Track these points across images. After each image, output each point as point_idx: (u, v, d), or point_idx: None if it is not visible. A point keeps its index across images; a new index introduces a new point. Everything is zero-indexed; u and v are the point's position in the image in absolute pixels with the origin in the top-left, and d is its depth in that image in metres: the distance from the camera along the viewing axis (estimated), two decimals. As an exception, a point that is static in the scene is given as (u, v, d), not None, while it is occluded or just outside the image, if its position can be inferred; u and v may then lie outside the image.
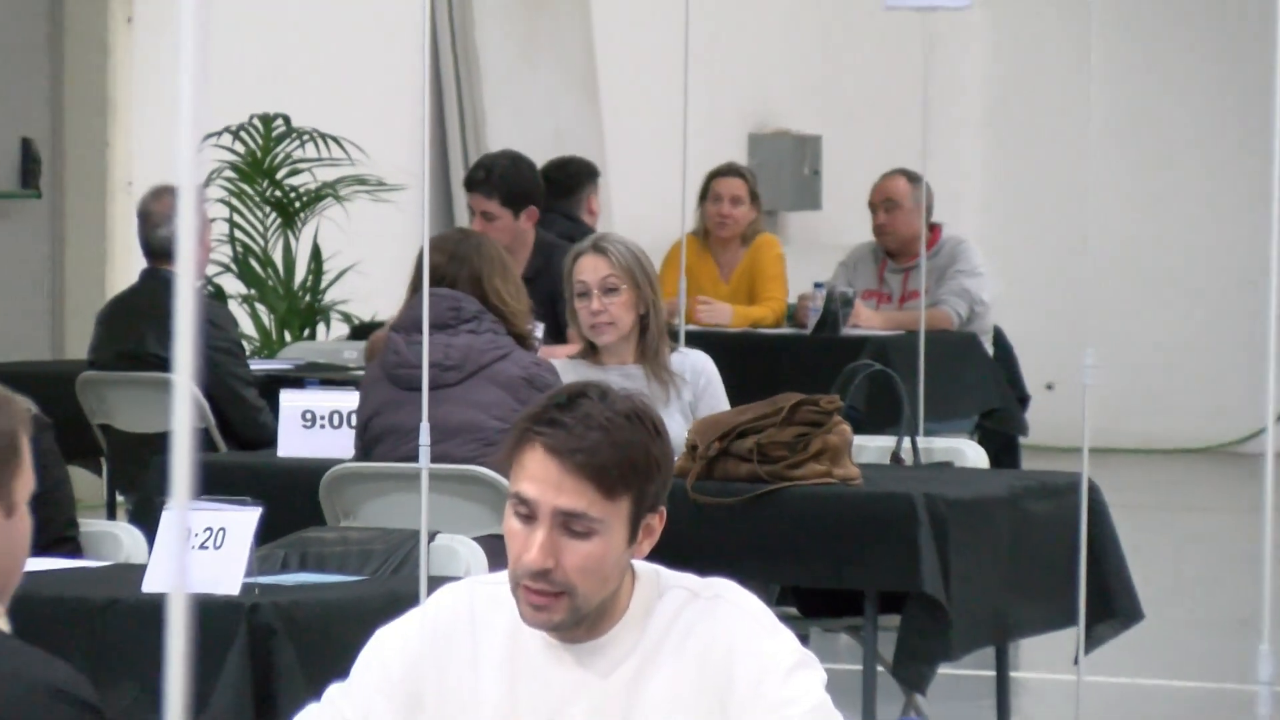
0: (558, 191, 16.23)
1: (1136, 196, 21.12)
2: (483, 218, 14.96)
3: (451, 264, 10.86)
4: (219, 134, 17.50)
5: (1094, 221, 20.86)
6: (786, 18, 20.69)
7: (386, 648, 5.91)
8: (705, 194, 17.03)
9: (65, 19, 18.88)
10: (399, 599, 7.19)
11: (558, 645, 5.83)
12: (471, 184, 15.53)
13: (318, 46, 18.48)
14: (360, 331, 15.86)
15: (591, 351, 11.11)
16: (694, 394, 11.04)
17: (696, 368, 11.28)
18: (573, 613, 5.73)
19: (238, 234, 17.61)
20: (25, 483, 5.30)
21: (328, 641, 7.89)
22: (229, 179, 17.68)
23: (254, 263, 17.70)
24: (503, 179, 15.17)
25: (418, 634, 5.93)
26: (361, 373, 11.99)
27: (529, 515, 5.70)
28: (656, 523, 5.83)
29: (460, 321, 10.69)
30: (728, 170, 17.48)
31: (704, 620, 5.86)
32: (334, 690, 5.92)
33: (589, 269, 11.18)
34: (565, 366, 11.07)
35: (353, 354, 14.37)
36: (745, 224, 17.04)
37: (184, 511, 3.33)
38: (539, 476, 5.70)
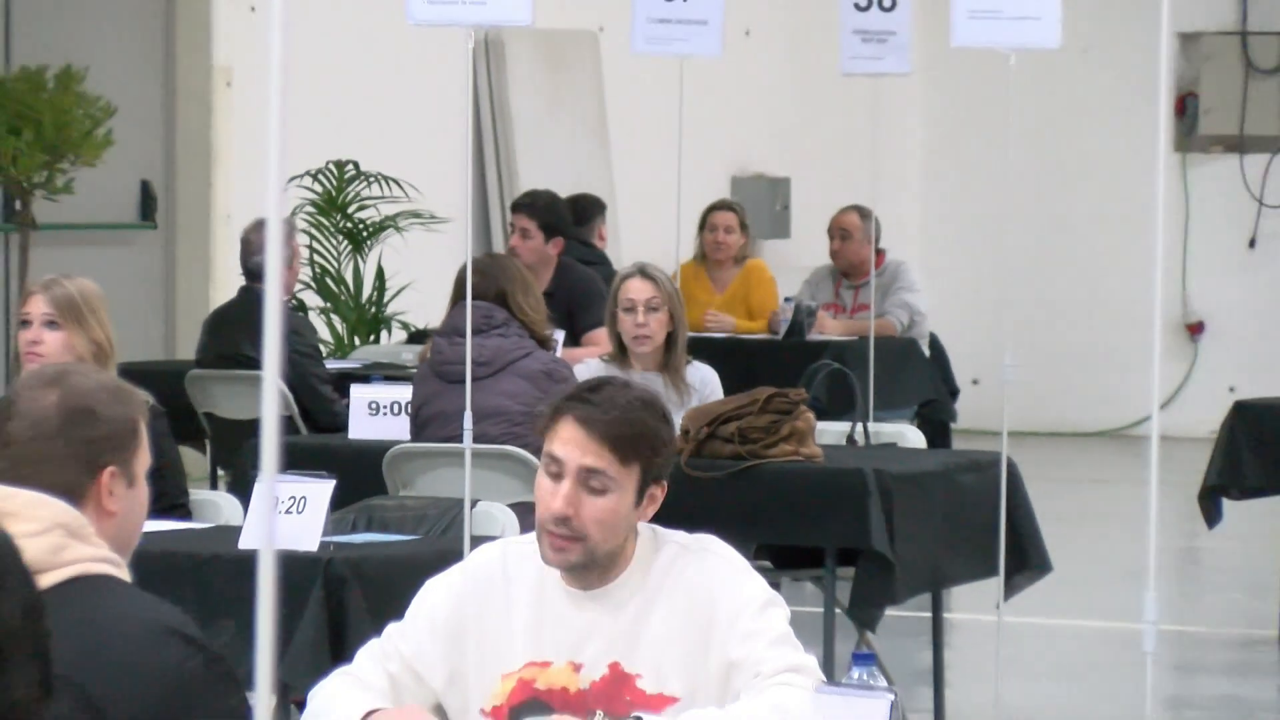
0: (581, 222, 16.23)
1: (1045, 223, 21.04)
2: (520, 234, 14.97)
3: (484, 282, 10.85)
4: (301, 176, 17.45)
5: (1011, 245, 20.81)
6: (762, 81, 20.61)
7: (434, 595, 5.94)
8: (703, 224, 17.06)
9: (176, 82, 18.83)
10: (447, 554, 7.16)
11: (575, 592, 5.85)
12: (518, 206, 15.59)
13: (381, 104, 18.41)
14: (415, 337, 15.83)
15: (621, 356, 11.09)
16: (700, 399, 11.03)
17: (704, 379, 11.30)
18: (586, 555, 5.77)
19: (316, 258, 17.57)
20: (144, 460, 5.31)
21: (389, 589, 7.86)
22: (310, 213, 17.63)
23: (329, 281, 17.68)
24: (544, 209, 15.23)
25: (460, 583, 5.96)
26: (415, 370, 11.96)
27: (558, 473, 5.75)
28: (659, 493, 5.85)
29: (491, 327, 10.68)
30: (722, 205, 17.50)
31: (693, 568, 5.88)
32: (392, 629, 5.93)
33: (636, 289, 11.20)
34: (598, 366, 11.09)
35: (409, 355, 14.32)
36: (736, 249, 17.13)
37: (272, 483, 3.31)
38: (568, 440, 5.77)
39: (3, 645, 3.36)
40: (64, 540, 5.16)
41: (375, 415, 11.21)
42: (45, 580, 5.07)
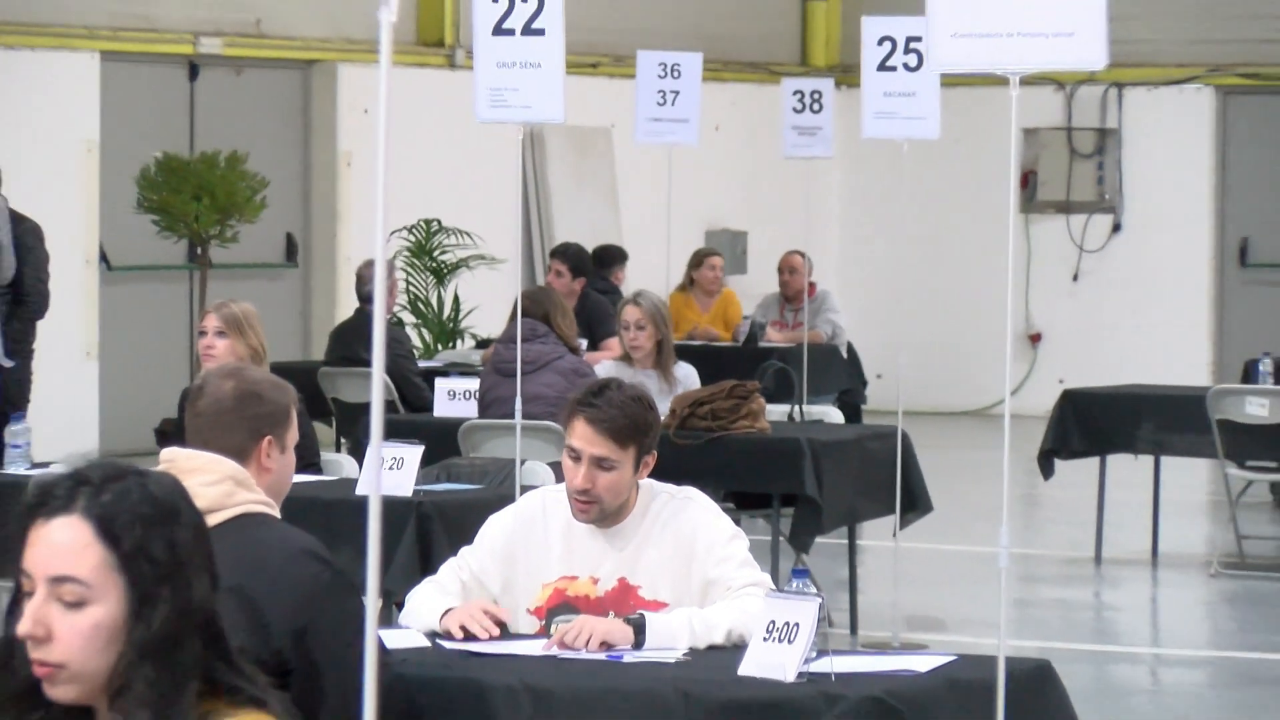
0: (599, 264, 16.25)
1: (928, 263, 21.00)
2: (555, 274, 15.07)
3: (532, 306, 10.85)
4: (400, 230, 17.42)
5: (904, 278, 20.81)
6: (727, 162, 20.56)
7: (494, 527, 6.01)
8: (699, 264, 17.24)
9: (311, 162, 18.78)
10: (503, 499, 7.16)
11: (594, 530, 5.90)
12: (554, 253, 15.75)
13: (456, 177, 18.35)
14: (481, 344, 15.83)
15: (627, 357, 11.16)
16: (683, 388, 11.04)
17: (686, 374, 11.34)
18: (600, 513, 5.86)
19: (411, 287, 17.54)
20: (293, 433, 5.38)
21: (461, 523, 7.83)
22: (406, 256, 17.59)
23: (420, 304, 17.65)
24: (573, 256, 15.31)
25: (512, 519, 6.02)
26: (481, 368, 11.95)
27: (577, 458, 5.86)
28: (651, 460, 5.94)
29: (535, 337, 10.67)
30: (711, 252, 17.86)
31: (679, 512, 5.92)
32: (464, 550, 6.00)
33: (629, 314, 11.28)
34: (613, 366, 11.13)
35: (476, 357, 14.33)
36: (714, 280, 17.27)
37: (378, 448, 3.30)
38: (581, 435, 5.87)
39: (183, 559, 3.34)
40: (233, 488, 5.19)
41: (452, 400, 11.20)
42: (219, 516, 5.08)
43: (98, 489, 3.32)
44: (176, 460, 5.22)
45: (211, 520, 4.93)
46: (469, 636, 5.68)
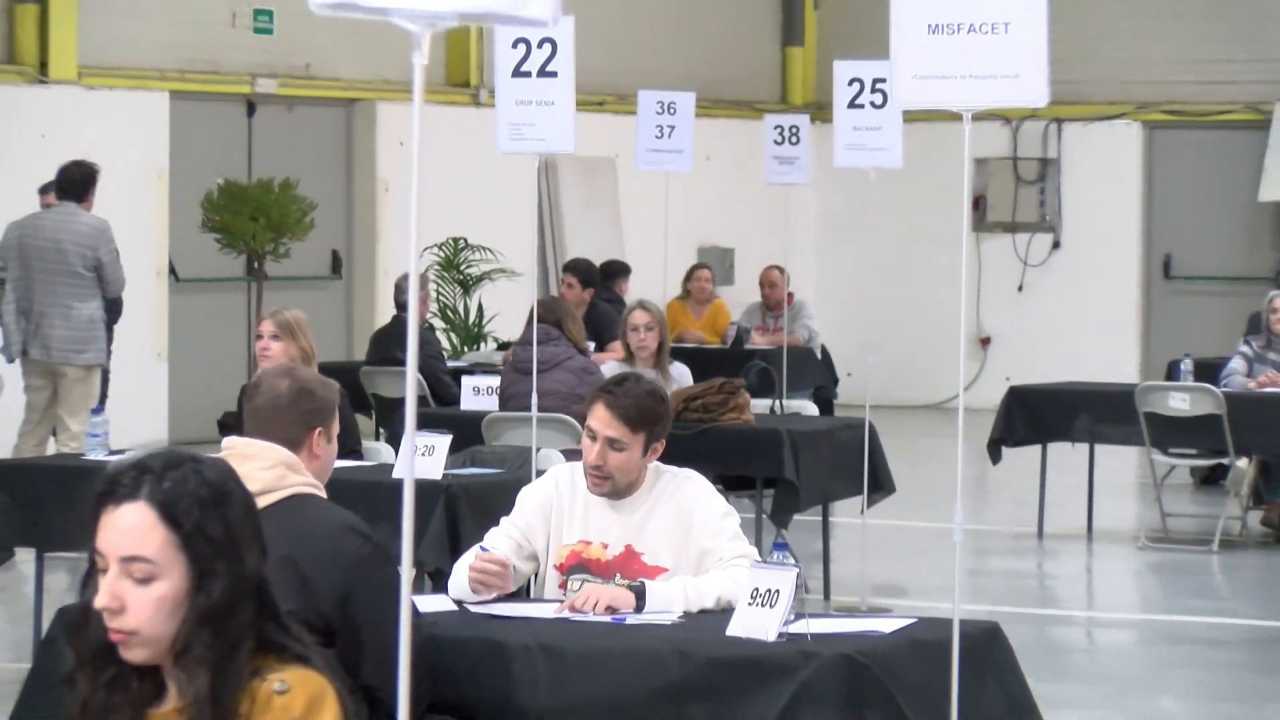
0: (605, 277, 16.29)
1: (893, 275, 20.96)
2: (567, 286, 15.13)
3: (546, 313, 10.85)
4: (431, 247, 17.42)
5: (872, 290, 20.78)
6: (717, 187, 20.56)
7: (533, 494, 6.07)
8: (691, 276, 17.35)
9: (354, 188, 18.79)
10: (521, 481, 7.14)
11: (606, 502, 5.93)
12: (566, 268, 15.83)
13: (480, 201, 18.32)
14: (501, 347, 15.82)
15: (630, 358, 11.12)
16: (678, 385, 11.01)
17: (681, 373, 11.31)
18: (611, 488, 5.88)
19: (441, 297, 17.54)
20: (336, 424, 5.39)
21: (484, 502, 7.85)
22: (437, 269, 17.58)
23: (449, 312, 17.66)
24: (582, 270, 15.41)
25: (548, 488, 6.05)
26: (502, 367, 11.95)
27: (594, 437, 5.88)
28: (659, 447, 5.96)
29: (549, 340, 10.66)
30: (702, 265, 18.03)
31: (679, 489, 5.94)
32: (504, 519, 6.03)
33: (638, 317, 11.25)
34: (615, 365, 11.10)
35: (498, 358, 14.32)
36: (705, 291, 17.30)
37: (412, 437, 3.29)
38: (599, 417, 5.88)
39: (236, 536, 3.34)
40: (285, 472, 5.19)
41: (477, 395, 11.19)
42: (273, 496, 5.09)
43: (159, 477, 3.32)
44: (236, 448, 5.23)
45: (266, 500, 4.95)
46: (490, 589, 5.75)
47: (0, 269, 12.40)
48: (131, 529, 3.30)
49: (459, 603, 5.77)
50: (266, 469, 5.17)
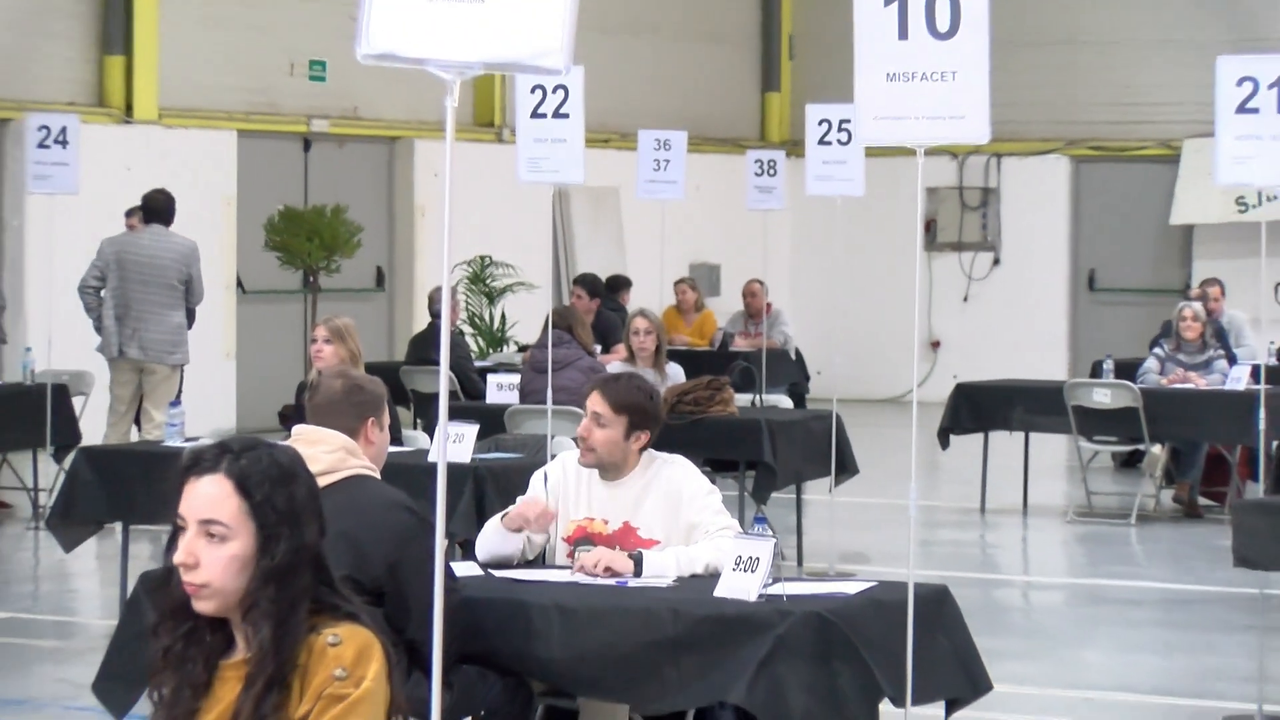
0: (610, 290, 16.30)
1: (858, 288, 20.97)
2: (577, 297, 15.10)
3: (559, 320, 10.85)
4: (461, 263, 17.46)
5: (839, 300, 20.79)
6: (706, 212, 20.56)
7: (544, 475, 6.01)
8: (674, 288, 17.36)
9: (395, 213, 18.84)
10: (538, 464, 7.12)
11: (605, 483, 5.90)
12: (576, 281, 15.88)
13: (503, 223, 18.32)
14: (521, 349, 15.84)
15: (631, 359, 11.12)
16: (673, 382, 11.00)
17: (676, 371, 11.31)
18: (596, 459, 5.88)
19: (469, 306, 17.58)
20: (386, 415, 5.41)
21: (508, 483, 7.84)
22: (466, 283, 17.64)
23: (475, 319, 17.69)
24: (590, 283, 15.46)
25: (556, 471, 6.01)
26: (521, 367, 11.98)
27: (586, 415, 5.88)
28: (644, 436, 5.91)
29: (561, 344, 10.66)
30: (682, 280, 17.97)
31: (670, 471, 5.91)
32: (521, 498, 5.96)
33: (639, 324, 11.24)
34: (619, 365, 11.09)
35: (517, 359, 14.34)
36: (694, 300, 17.31)
37: (444, 426, 3.30)
38: (592, 400, 5.89)
39: (298, 510, 3.36)
40: (345, 456, 5.21)
41: (500, 390, 11.19)
42: (335, 476, 5.13)
43: (237, 456, 3.35)
44: (304, 434, 5.27)
45: (328, 479, 4.98)
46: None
47: (98, 280, 12.43)
48: (210, 496, 3.33)
49: (485, 568, 5.78)
50: (329, 452, 5.19)
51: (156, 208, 12.59)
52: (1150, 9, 21.02)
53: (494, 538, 5.83)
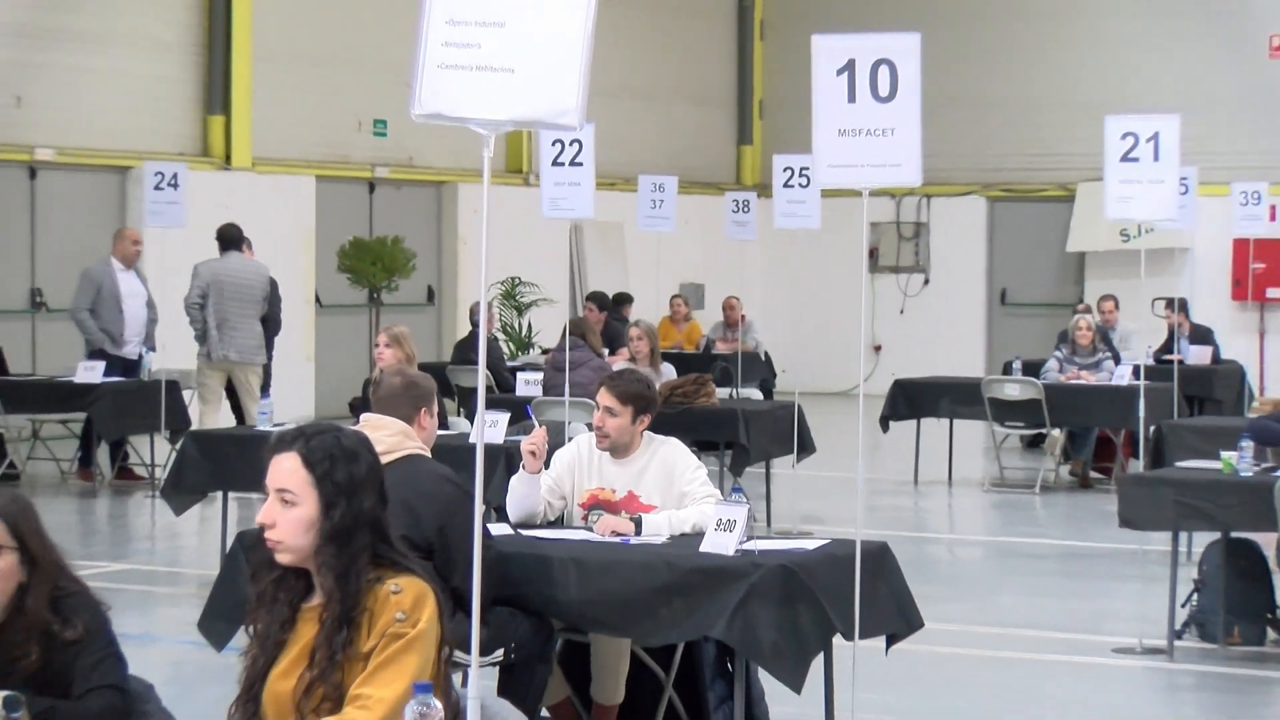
0: (615, 304, 16.26)
1: (819, 305, 20.97)
2: (588, 310, 15.04)
3: (574, 328, 10.85)
4: (496, 283, 17.44)
5: (803, 312, 20.80)
6: (694, 241, 20.49)
7: (561, 455, 5.95)
8: (669, 302, 17.30)
9: (441, 242, 18.85)
10: (557, 445, 7.10)
11: (613, 460, 5.84)
12: (588, 297, 15.77)
13: (529, 249, 18.29)
14: (544, 352, 15.82)
15: (632, 359, 11.12)
16: (665, 378, 11.03)
17: (668, 370, 11.36)
18: (610, 444, 5.80)
19: (502, 317, 17.58)
20: (435, 406, 5.38)
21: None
22: (499, 298, 17.64)
23: (507, 328, 17.68)
24: (599, 299, 15.38)
25: (572, 450, 5.95)
26: (544, 366, 11.96)
27: (598, 408, 5.80)
28: (646, 419, 5.83)
29: (576, 348, 10.65)
30: (677, 295, 17.84)
31: (665, 450, 5.85)
32: (544, 472, 5.90)
33: (635, 333, 11.26)
34: (622, 365, 11.09)
35: (541, 360, 14.31)
36: (684, 313, 17.29)
37: (482, 415, 3.30)
38: (602, 395, 5.81)
39: (356, 484, 3.38)
40: (403, 439, 5.19)
41: (527, 385, 11.18)
42: (395, 454, 5.12)
43: (308, 438, 3.39)
44: (370, 420, 5.27)
45: (390, 457, 4.97)
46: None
47: (201, 298, 12.49)
48: (284, 469, 3.36)
49: (515, 528, 5.77)
50: (389, 436, 5.18)
51: (231, 237, 12.71)
52: (1050, 76, 21.03)
53: (519, 488, 5.82)
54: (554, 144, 9.45)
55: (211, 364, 12.50)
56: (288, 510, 3.35)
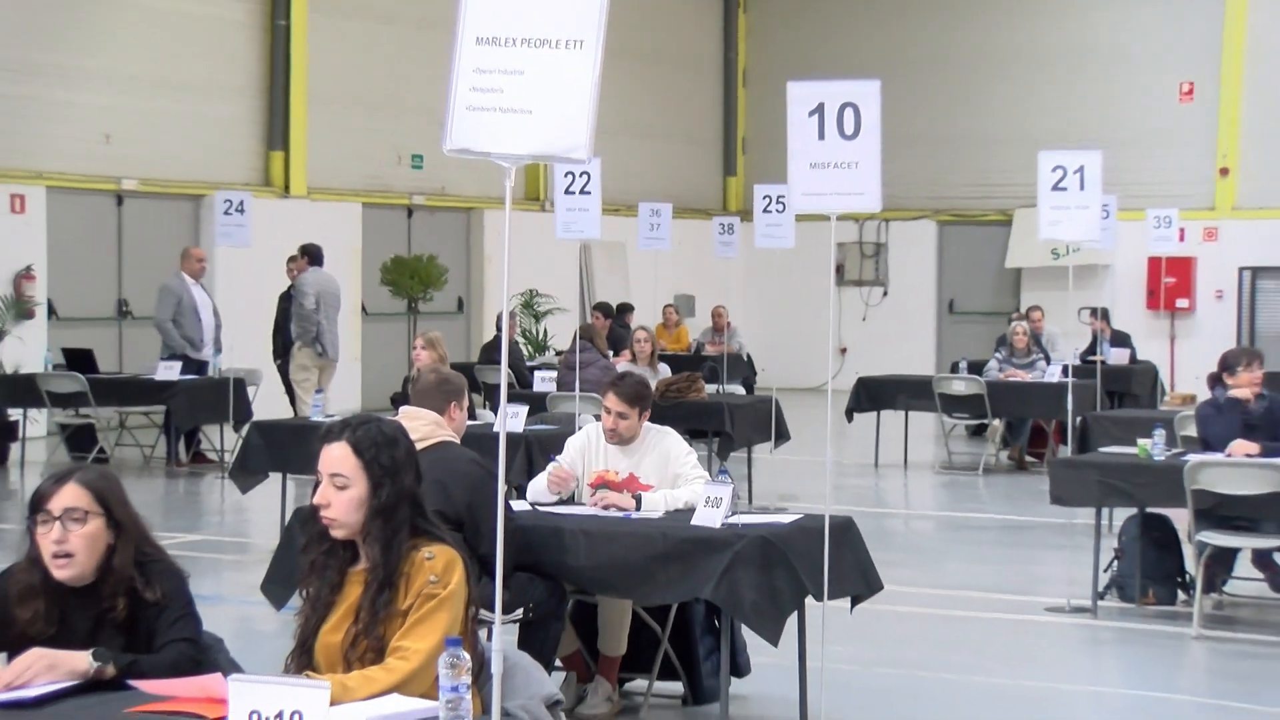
0: (619, 313, 16.21)
1: (789, 314, 20.93)
2: (595, 318, 14.98)
3: (583, 333, 10.80)
4: (516, 295, 17.43)
5: (779, 320, 20.77)
6: (686, 260, 20.49)
7: (573, 442, 5.92)
8: (663, 311, 17.23)
9: (470, 261, 18.83)
10: (569, 433, 7.13)
11: (617, 446, 5.82)
12: (595, 307, 15.64)
13: (545, 265, 18.34)
14: (557, 354, 15.80)
15: (634, 360, 11.10)
16: (662, 376, 11.00)
17: (664, 369, 11.37)
18: (619, 439, 5.75)
19: (521, 323, 17.55)
20: (465, 400, 5.36)
21: (550, 446, 7.78)
22: (520, 308, 17.62)
23: (526, 333, 17.65)
24: (605, 308, 15.32)
25: (581, 438, 5.92)
26: (558, 366, 11.93)
27: (609, 412, 5.75)
28: (647, 414, 5.81)
29: (585, 350, 10.63)
30: (670, 305, 17.65)
31: (662, 438, 5.83)
32: (558, 457, 5.90)
33: (639, 335, 11.25)
34: (626, 365, 11.08)
35: (556, 359, 14.27)
36: (677, 320, 17.21)
37: (504, 407, 3.29)
38: (612, 401, 5.76)
39: (398, 466, 3.37)
40: (436, 428, 5.17)
41: (543, 382, 11.12)
42: (429, 441, 5.10)
43: (354, 429, 3.38)
44: (408, 412, 5.25)
45: (424, 444, 4.95)
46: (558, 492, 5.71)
47: (314, 306, 12.74)
48: (336, 457, 3.35)
49: (534, 504, 5.76)
50: (425, 425, 5.16)
51: (318, 254, 13.00)
52: (991, 117, 21.04)
53: (540, 491, 5.81)
54: (566, 175, 9.45)
55: (319, 360, 12.72)
56: (341, 492, 3.34)
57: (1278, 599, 7.51)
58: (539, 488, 5.81)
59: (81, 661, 3.09)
